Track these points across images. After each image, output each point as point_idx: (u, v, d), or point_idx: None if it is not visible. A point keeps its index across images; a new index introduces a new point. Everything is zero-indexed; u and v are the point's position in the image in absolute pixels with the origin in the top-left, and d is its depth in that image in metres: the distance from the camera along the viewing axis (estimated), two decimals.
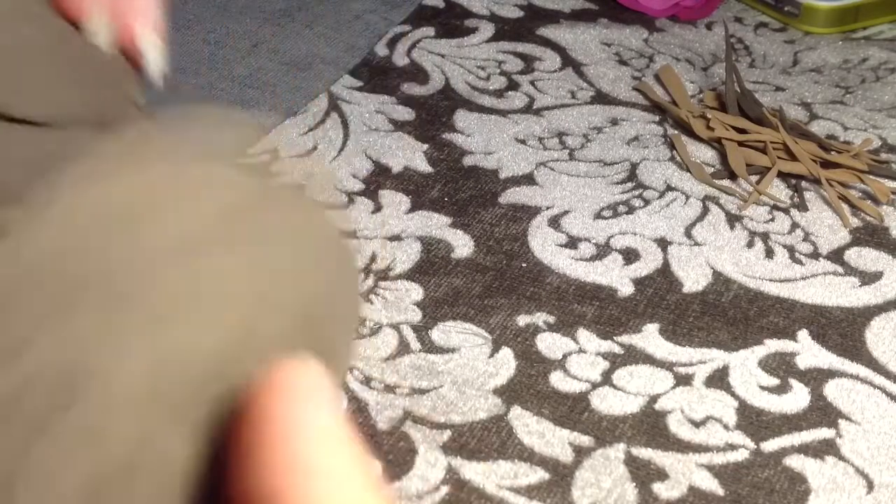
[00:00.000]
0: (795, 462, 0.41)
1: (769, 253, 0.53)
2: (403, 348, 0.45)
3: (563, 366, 0.45)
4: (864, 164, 0.59)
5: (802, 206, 0.56)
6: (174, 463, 0.20)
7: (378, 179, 0.56)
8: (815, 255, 0.53)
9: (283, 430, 0.20)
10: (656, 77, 0.68)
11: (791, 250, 0.53)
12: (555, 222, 0.54)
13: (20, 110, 0.32)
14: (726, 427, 0.42)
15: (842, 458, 0.41)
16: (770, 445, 0.42)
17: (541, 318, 0.47)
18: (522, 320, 0.47)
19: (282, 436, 0.20)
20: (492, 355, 0.45)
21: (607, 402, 0.43)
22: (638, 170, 0.58)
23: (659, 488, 0.39)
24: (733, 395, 0.44)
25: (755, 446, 0.42)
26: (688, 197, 0.57)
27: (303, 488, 0.20)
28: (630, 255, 0.52)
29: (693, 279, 0.51)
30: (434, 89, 0.65)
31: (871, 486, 0.40)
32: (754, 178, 0.58)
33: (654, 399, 0.43)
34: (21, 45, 0.34)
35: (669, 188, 0.57)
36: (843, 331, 0.48)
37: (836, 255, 0.53)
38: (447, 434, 0.41)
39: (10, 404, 0.19)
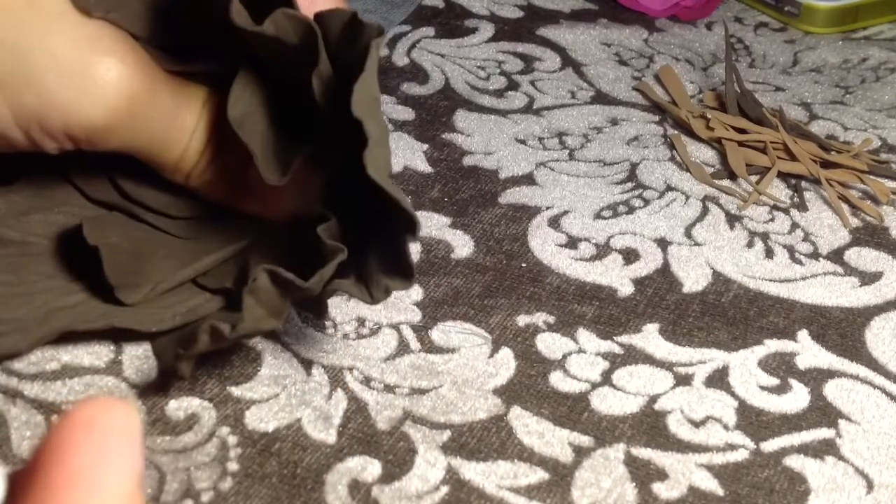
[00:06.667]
0: (795, 462, 0.41)
1: (769, 253, 0.53)
2: (403, 348, 0.45)
3: (562, 366, 0.45)
4: (864, 164, 0.59)
5: (802, 206, 0.56)
6: None
7: None
8: (815, 255, 0.53)
9: (70, 479, 0.20)
10: (656, 77, 0.68)
11: (791, 250, 0.53)
12: (555, 222, 0.54)
13: None
14: (726, 427, 0.42)
15: (842, 458, 0.41)
16: (770, 445, 0.42)
17: (541, 318, 0.47)
18: (522, 320, 0.47)
19: (60, 493, 0.20)
20: (491, 355, 0.45)
21: (607, 402, 0.43)
22: (638, 170, 0.59)
23: (659, 488, 0.39)
24: (733, 395, 0.44)
25: (755, 446, 0.42)
26: (688, 197, 0.57)
27: None
28: (630, 255, 0.52)
29: (693, 279, 0.51)
30: (434, 89, 0.65)
31: (870, 486, 0.40)
32: (754, 178, 0.58)
33: (653, 399, 0.43)
34: None
35: (669, 188, 0.57)
36: (843, 331, 0.48)
37: (836, 255, 0.53)
38: (447, 434, 0.41)
39: None
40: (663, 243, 0.53)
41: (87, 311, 0.42)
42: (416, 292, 0.48)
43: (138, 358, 0.43)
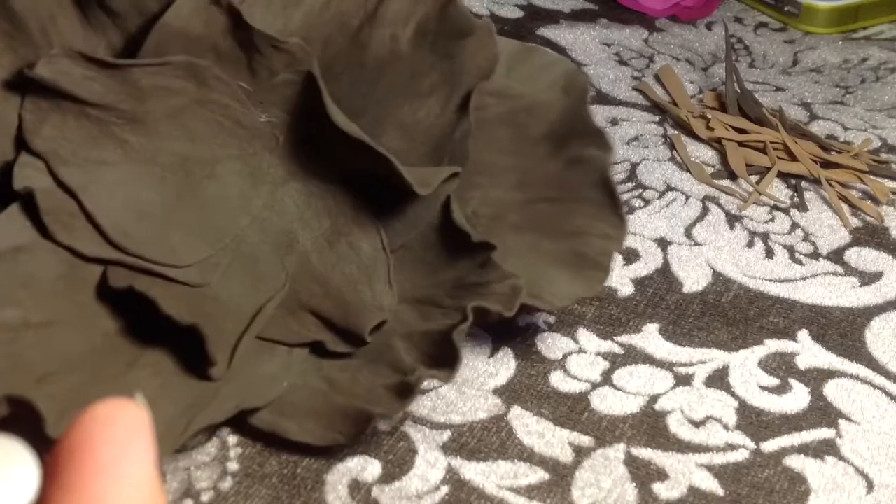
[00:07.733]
0: (795, 462, 0.41)
1: (769, 253, 0.53)
2: None
3: (563, 366, 0.45)
4: (864, 164, 0.59)
5: (802, 206, 0.56)
6: None
7: None
8: (815, 255, 0.53)
9: (98, 470, 0.21)
10: (656, 77, 0.68)
11: (791, 250, 0.53)
12: None
13: None
14: (726, 427, 0.42)
15: (842, 458, 0.41)
16: (770, 445, 0.42)
17: (541, 318, 0.47)
18: (522, 320, 0.47)
19: (87, 484, 0.21)
20: (492, 355, 0.45)
21: (607, 402, 0.43)
22: (638, 170, 0.59)
23: (659, 488, 0.39)
24: (733, 395, 0.44)
25: (755, 446, 0.42)
26: (688, 197, 0.57)
27: None
28: (630, 255, 0.52)
29: (693, 279, 0.51)
30: None
31: (871, 486, 0.40)
32: (754, 178, 0.58)
33: (654, 399, 0.43)
34: None
35: (669, 188, 0.57)
36: (843, 331, 0.48)
37: (836, 255, 0.53)
38: (447, 434, 0.41)
39: None
40: (663, 243, 0.53)
41: (199, 393, 0.38)
42: None
43: None
